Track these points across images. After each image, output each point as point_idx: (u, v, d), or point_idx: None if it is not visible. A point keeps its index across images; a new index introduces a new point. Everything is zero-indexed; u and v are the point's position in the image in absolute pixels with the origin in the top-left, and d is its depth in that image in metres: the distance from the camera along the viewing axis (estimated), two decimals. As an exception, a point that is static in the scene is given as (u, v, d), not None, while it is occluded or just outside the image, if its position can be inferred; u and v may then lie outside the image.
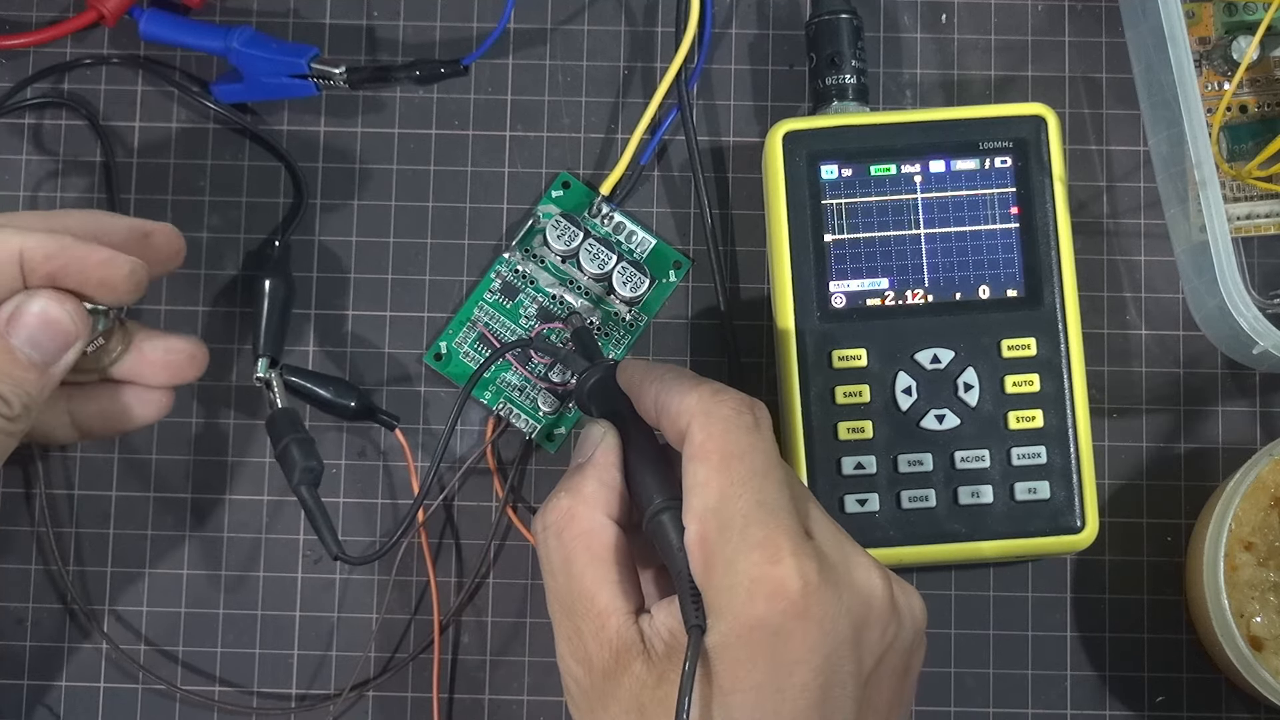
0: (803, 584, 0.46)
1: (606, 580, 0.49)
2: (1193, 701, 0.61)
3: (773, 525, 0.47)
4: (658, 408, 0.51)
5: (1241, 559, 0.57)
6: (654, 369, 0.52)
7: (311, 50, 0.62)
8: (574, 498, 0.50)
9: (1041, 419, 0.59)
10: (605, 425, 0.53)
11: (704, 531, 0.47)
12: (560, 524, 0.50)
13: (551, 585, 0.50)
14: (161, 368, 0.56)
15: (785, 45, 0.64)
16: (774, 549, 0.47)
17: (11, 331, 0.51)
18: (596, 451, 0.52)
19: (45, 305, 0.52)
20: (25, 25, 0.64)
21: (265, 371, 0.59)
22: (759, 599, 0.46)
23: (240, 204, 0.64)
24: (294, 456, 0.57)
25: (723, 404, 0.49)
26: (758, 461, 0.48)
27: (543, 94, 0.64)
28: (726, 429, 0.48)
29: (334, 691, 0.61)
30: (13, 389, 0.51)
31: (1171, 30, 0.58)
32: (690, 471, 0.48)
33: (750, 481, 0.48)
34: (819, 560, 0.47)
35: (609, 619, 0.48)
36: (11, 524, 0.62)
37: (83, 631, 0.62)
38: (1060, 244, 0.59)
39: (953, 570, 0.62)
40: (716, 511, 0.47)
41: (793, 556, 0.46)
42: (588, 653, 0.48)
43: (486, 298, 0.63)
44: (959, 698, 0.61)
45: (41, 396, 0.52)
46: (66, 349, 0.52)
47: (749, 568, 0.46)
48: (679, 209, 0.64)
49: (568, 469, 0.52)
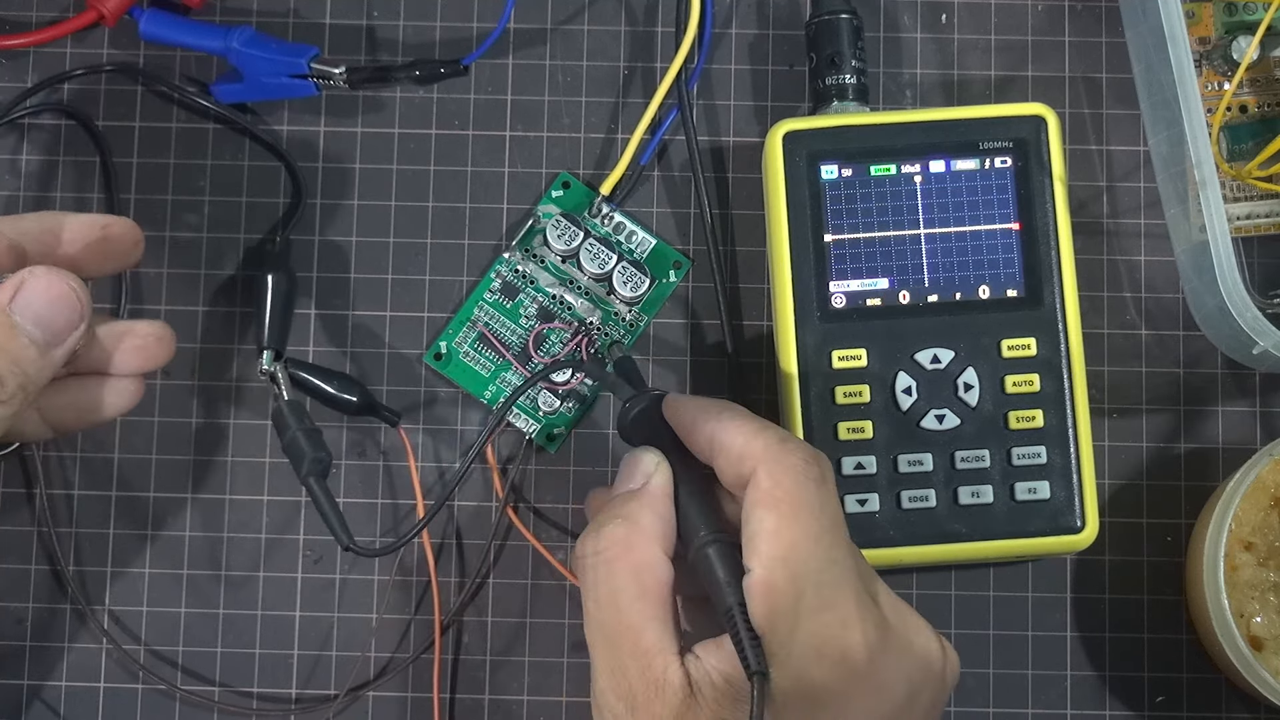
0: (868, 653, 0.46)
1: (655, 618, 0.48)
2: (1193, 701, 0.61)
3: (844, 586, 0.47)
4: (714, 445, 0.50)
5: (1241, 559, 0.57)
6: (709, 405, 0.51)
7: (311, 50, 0.62)
8: (630, 529, 0.49)
9: (1041, 419, 0.59)
10: (658, 455, 0.52)
11: (771, 580, 0.47)
12: (613, 553, 0.49)
13: (595, 613, 0.49)
14: (130, 354, 0.54)
15: (785, 45, 0.64)
16: (844, 613, 0.47)
17: (14, 308, 0.49)
18: (651, 483, 0.51)
19: (50, 282, 0.50)
20: (25, 25, 0.64)
21: (270, 364, 0.59)
22: (826, 662, 0.46)
23: (240, 204, 0.64)
24: (302, 448, 0.56)
25: (793, 454, 0.49)
26: (827, 519, 0.48)
27: (543, 94, 0.64)
28: (796, 480, 0.48)
29: (334, 692, 0.61)
30: (9, 366, 0.49)
31: (1171, 30, 0.58)
32: (756, 517, 0.48)
33: (822, 539, 0.47)
34: (883, 629, 0.47)
35: (655, 658, 0.48)
36: (11, 524, 0.62)
37: (83, 631, 0.62)
38: (1060, 244, 0.59)
39: (953, 570, 0.62)
40: (786, 562, 0.47)
41: (860, 623, 0.47)
42: (631, 690, 0.48)
43: (486, 297, 0.63)
44: (959, 698, 0.61)
45: (39, 379, 0.50)
46: (69, 330, 0.50)
47: (819, 628, 0.46)
48: (679, 209, 0.64)
49: (612, 495, 0.52)
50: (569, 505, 0.62)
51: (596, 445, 0.62)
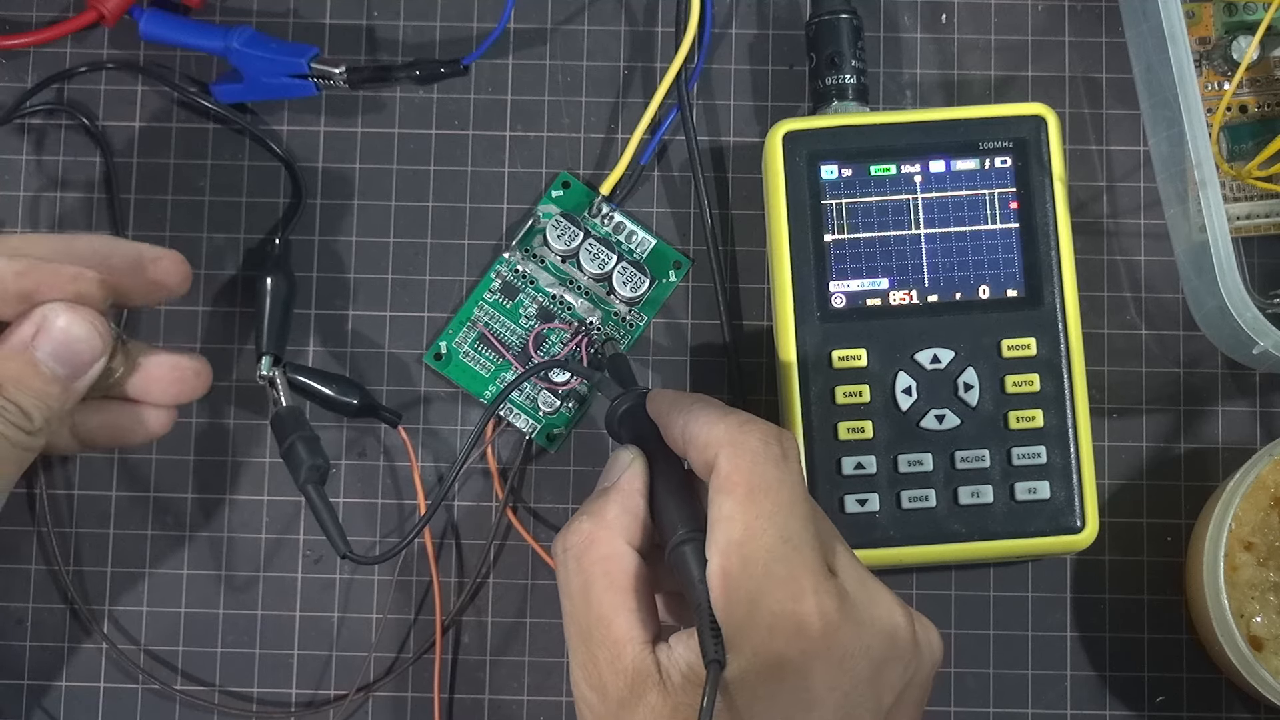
0: (823, 622, 0.46)
1: (624, 608, 0.49)
2: (1193, 701, 0.61)
3: (796, 562, 0.47)
4: (685, 437, 0.50)
5: (1241, 559, 0.57)
6: (683, 398, 0.52)
7: (311, 50, 0.62)
8: (595, 522, 0.50)
9: (1041, 419, 0.59)
10: (634, 451, 0.52)
11: (726, 565, 0.47)
12: (580, 548, 0.50)
13: (569, 609, 0.50)
14: (168, 384, 0.56)
15: (785, 45, 0.64)
16: (796, 586, 0.47)
17: (37, 345, 0.51)
18: (622, 477, 0.51)
19: (70, 320, 0.52)
20: (25, 25, 0.64)
21: (269, 369, 0.59)
22: (780, 636, 0.46)
23: (240, 204, 0.64)
24: (300, 454, 0.56)
25: (750, 435, 0.49)
26: (784, 496, 0.48)
27: (543, 94, 0.64)
28: (754, 461, 0.48)
29: (335, 693, 0.61)
30: (35, 403, 0.51)
31: (1171, 30, 0.58)
32: (716, 504, 0.48)
33: (775, 516, 0.47)
34: (841, 598, 0.47)
35: (625, 647, 0.48)
36: (11, 524, 0.62)
37: (83, 631, 0.62)
38: (1060, 244, 0.59)
39: (953, 570, 0.62)
40: (740, 545, 0.47)
41: (814, 594, 0.46)
42: (602, 680, 0.48)
43: (486, 298, 0.63)
44: (959, 698, 0.61)
45: (62, 411, 0.52)
46: (91, 364, 0.52)
47: (771, 604, 0.46)
48: (679, 209, 0.64)
49: (592, 492, 0.52)
50: (569, 505, 0.62)
51: (596, 445, 0.62)
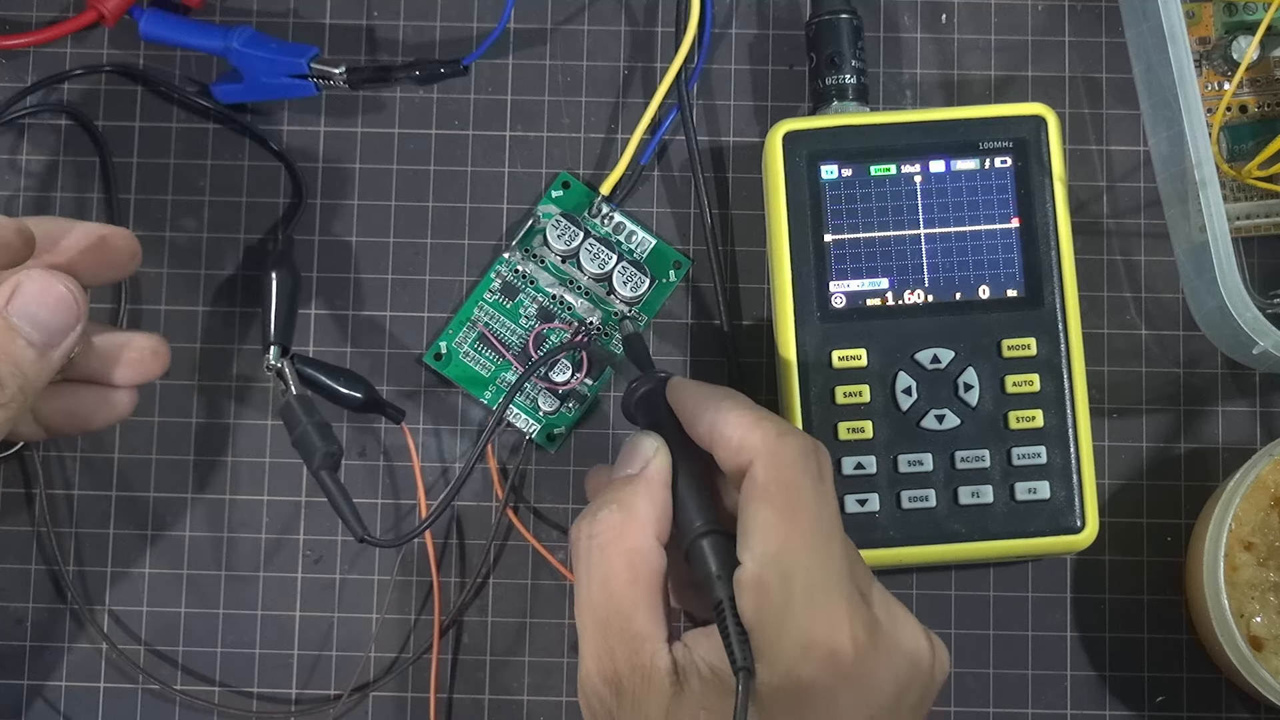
0: (856, 652, 0.46)
1: (645, 603, 0.49)
2: (1193, 701, 0.61)
3: (835, 590, 0.47)
4: (713, 435, 0.50)
5: (1241, 559, 0.57)
6: (711, 392, 0.51)
7: (311, 50, 0.62)
8: (626, 514, 0.50)
9: (1041, 419, 0.59)
10: (657, 440, 0.52)
11: (762, 576, 0.47)
12: (607, 538, 0.49)
13: (586, 596, 0.49)
14: (125, 365, 0.55)
15: (785, 45, 0.64)
16: (834, 613, 0.47)
17: (11, 310, 0.50)
18: (649, 468, 0.51)
19: (46, 284, 0.50)
20: (25, 25, 0.64)
21: (277, 360, 0.59)
22: (813, 661, 0.46)
23: (240, 204, 0.64)
24: (314, 441, 0.56)
25: (788, 446, 0.48)
26: (824, 517, 0.48)
27: (543, 94, 0.64)
28: (793, 475, 0.48)
29: (334, 693, 0.61)
30: (8, 368, 0.50)
31: (1171, 30, 0.58)
32: (752, 511, 0.48)
33: (816, 538, 0.47)
34: (872, 628, 0.47)
35: (644, 643, 0.48)
36: (11, 524, 0.62)
37: (83, 631, 0.62)
38: (1060, 244, 0.59)
39: (953, 570, 0.62)
40: (778, 559, 0.47)
41: (850, 624, 0.47)
42: (618, 674, 0.48)
43: (486, 298, 0.63)
44: (959, 698, 0.61)
45: (39, 381, 0.51)
46: (67, 331, 0.51)
47: (809, 626, 0.46)
48: (679, 209, 0.64)
49: (611, 478, 0.52)
50: (569, 505, 0.62)
51: (597, 445, 0.62)
